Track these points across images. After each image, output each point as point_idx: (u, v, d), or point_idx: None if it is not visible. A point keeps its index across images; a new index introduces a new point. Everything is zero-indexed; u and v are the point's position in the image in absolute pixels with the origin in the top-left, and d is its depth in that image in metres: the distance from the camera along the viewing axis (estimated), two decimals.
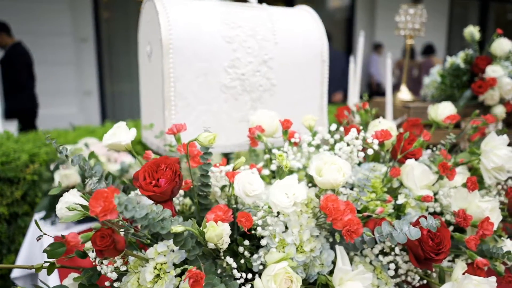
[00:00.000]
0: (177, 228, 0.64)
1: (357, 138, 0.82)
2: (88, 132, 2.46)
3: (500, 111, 1.60)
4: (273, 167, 0.85)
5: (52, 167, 1.43)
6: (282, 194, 0.70)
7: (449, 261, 0.92)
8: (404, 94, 1.80)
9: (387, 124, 0.92)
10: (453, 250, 0.93)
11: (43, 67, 4.96)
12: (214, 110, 1.11)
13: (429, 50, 6.32)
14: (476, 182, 0.86)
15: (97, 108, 6.04)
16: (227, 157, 1.33)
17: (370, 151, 0.81)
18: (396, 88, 1.96)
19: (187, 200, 0.91)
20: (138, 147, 2.15)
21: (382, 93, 1.79)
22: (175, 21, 1.04)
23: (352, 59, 1.59)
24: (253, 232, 0.76)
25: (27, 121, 4.06)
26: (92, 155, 1.36)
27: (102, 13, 6.00)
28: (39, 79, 4.39)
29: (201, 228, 0.69)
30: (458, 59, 1.80)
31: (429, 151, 1.12)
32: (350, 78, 1.56)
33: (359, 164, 1.02)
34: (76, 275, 0.75)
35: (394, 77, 6.18)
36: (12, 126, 3.08)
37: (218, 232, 0.66)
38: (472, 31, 1.79)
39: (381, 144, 0.86)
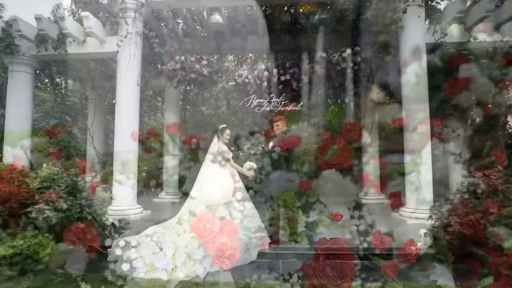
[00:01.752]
0: None
1: (256, 145, 0.70)
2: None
3: (476, 113, 1.45)
4: None
5: None
6: None
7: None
8: (375, 94, 1.66)
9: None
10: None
11: None
12: None
13: (434, 50, 6.09)
14: (400, 198, 0.73)
15: None
16: None
17: (267, 160, 0.69)
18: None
19: None
20: None
21: None
22: None
23: None
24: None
25: None
26: None
27: None
28: None
29: None
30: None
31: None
32: None
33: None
34: None
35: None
36: None
37: None
38: (453, 29, 1.64)
39: (289, 152, 0.74)
